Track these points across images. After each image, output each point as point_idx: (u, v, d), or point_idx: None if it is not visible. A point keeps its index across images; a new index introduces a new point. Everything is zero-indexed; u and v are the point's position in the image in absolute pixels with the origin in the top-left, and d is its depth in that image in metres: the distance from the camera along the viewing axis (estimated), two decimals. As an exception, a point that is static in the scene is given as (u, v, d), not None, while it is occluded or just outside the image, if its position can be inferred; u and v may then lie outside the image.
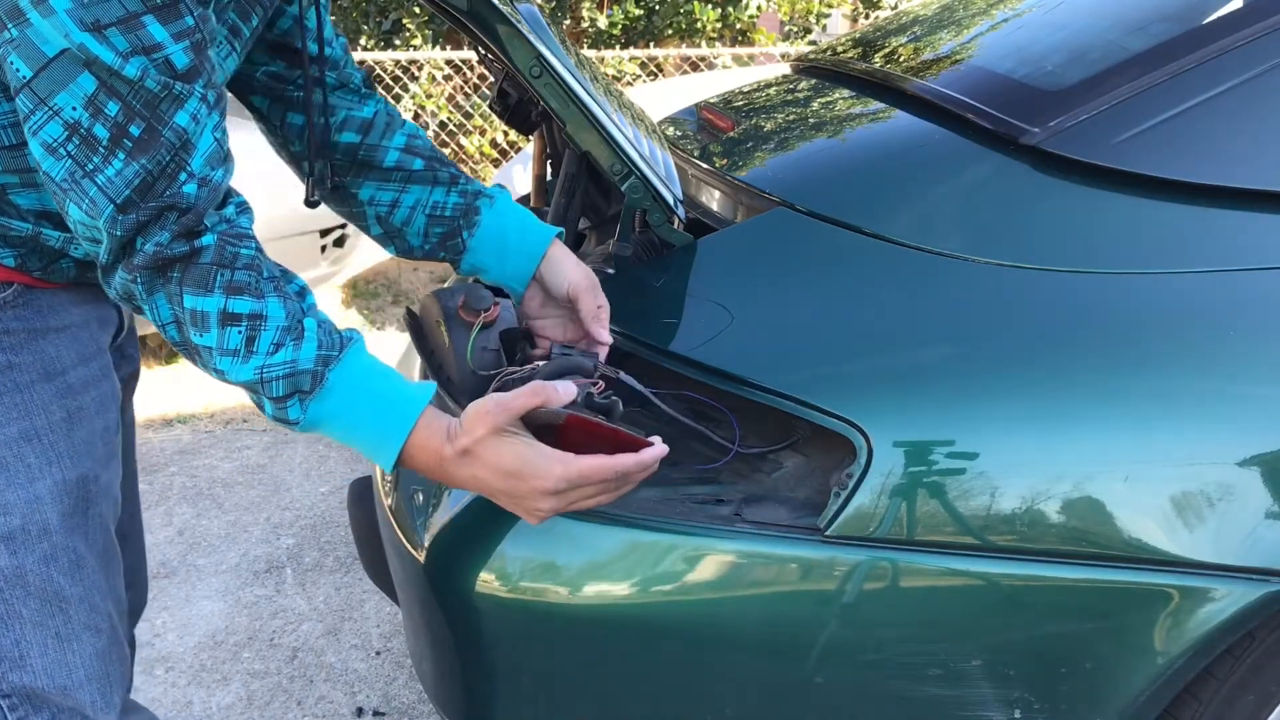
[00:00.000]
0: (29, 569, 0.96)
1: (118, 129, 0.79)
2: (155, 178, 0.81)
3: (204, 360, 0.88)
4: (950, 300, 1.10)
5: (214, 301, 0.86)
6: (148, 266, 0.83)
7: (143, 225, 0.82)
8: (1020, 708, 1.08)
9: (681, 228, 1.29)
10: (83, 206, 0.81)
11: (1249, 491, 1.02)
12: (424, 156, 1.17)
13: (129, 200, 0.81)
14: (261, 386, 0.88)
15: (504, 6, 1.17)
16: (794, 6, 6.37)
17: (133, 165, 0.80)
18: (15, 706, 0.98)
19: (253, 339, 0.87)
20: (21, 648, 0.97)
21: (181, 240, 0.84)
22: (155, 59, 0.79)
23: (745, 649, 1.07)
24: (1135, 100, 1.16)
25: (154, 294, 0.86)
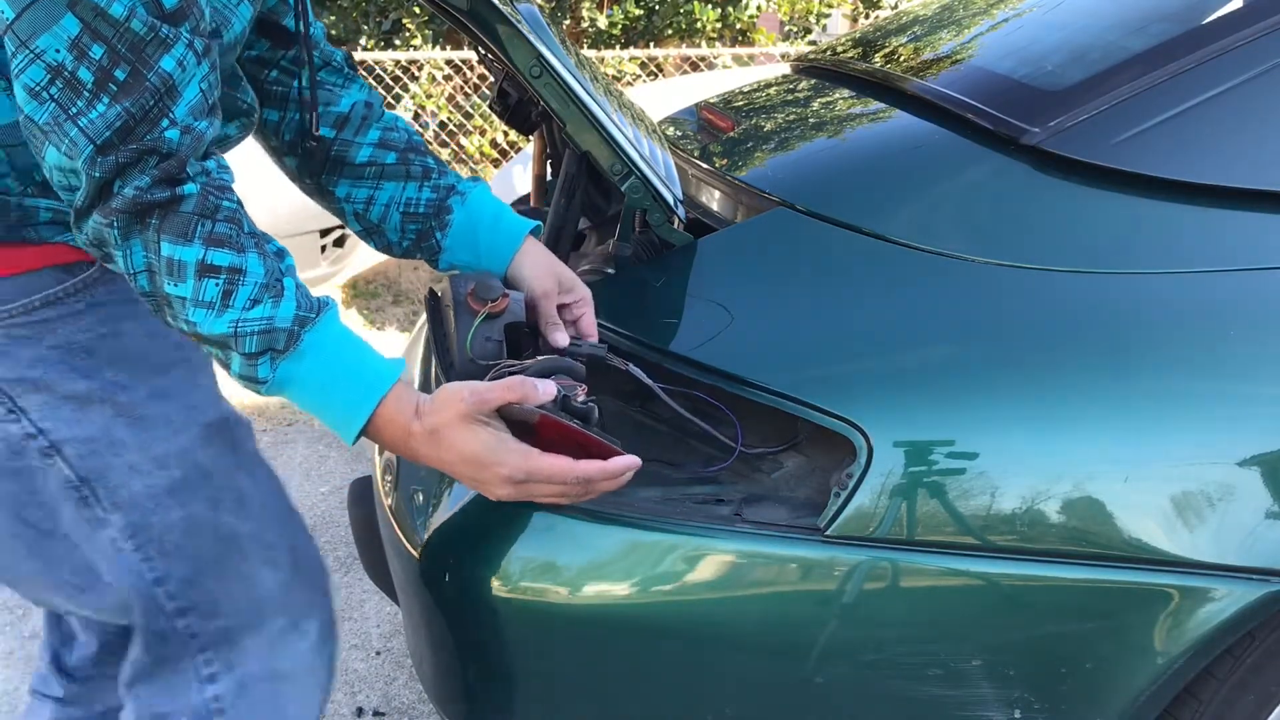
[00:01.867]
0: (200, 516, 0.99)
1: (102, 72, 0.77)
2: (137, 121, 0.79)
3: (174, 311, 0.85)
4: (950, 300, 1.10)
5: (193, 251, 0.83)
6: (126, 210, 0.81)
7: (122, 168, 0.80)
8: (1020, 708, 1.08)
9: (681, 228, 1.29)
10: (62, 148, 0.79)
11: (1249, 491, 1.02)
12: (397, 149, 1.17)
13: (109, 142, 0.79)
14: (234, 341, 0.85)
15: (504, 6, 1.17)
16: (794, 6, 6.37)
17: (115, 108, 0.78)
18: (211, 661, 1.01)
19: (229, 293, 0.84)
20: (212, 596, 1.00)
21: (163, 186, 0.82)
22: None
23: (745, 649, 1.07)
24: (1135, 100, 1.16)
25: (129, 239, 0.83)
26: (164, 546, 0.97)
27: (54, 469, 0.94)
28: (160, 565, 0.97)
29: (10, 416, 0.93)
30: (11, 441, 0.93)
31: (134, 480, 0.96)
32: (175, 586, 0.98)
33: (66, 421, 0.94)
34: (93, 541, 0.96)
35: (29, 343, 0.93)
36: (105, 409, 0.96)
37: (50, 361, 0.94)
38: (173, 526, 0.98)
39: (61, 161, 0.80)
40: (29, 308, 0.93)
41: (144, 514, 0.97)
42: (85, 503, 0.95)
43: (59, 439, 0.94)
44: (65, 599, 1.00)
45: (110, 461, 0.95)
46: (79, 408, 0.94)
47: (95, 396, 0.95)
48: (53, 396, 0.94)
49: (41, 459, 0.94)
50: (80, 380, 0.95)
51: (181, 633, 1.00)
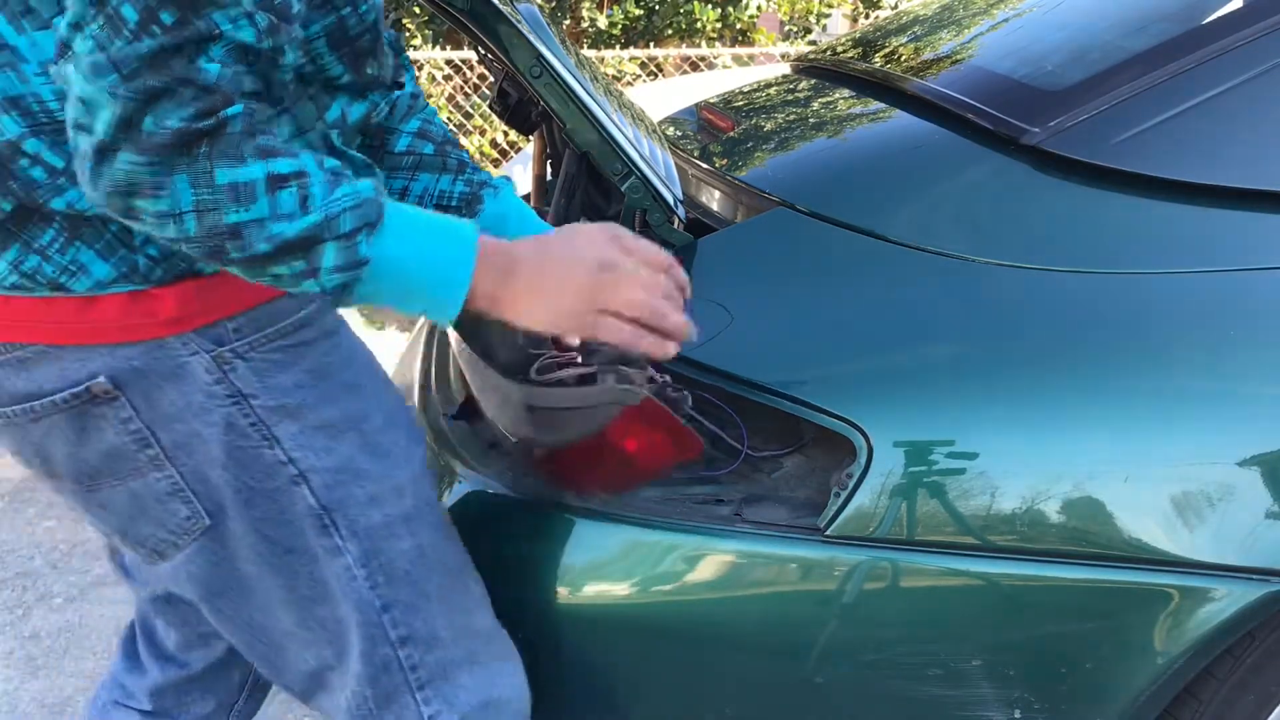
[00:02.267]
0: (427, 545, 0.99)
1: (147, 13, 0.71)
2: (170, 54, 0.72)
3: (246, 239, 0.77)
4: (950, 300, 1.10)
5: (255, 169, 0.76)
6: (171, 144, 0.73)
7: (152, 95, 0.72)
8: (1020, 708, 1.08)
9: (681, 228, 1.29)
10: (84, 70, 0.72)
11: (1249, 491, 1.02)
12: (435, 141, 1.15)
13: (135, 70, 0.72)
14: (328, 227, 0.78)
15: (504, 6, 1.17)
16: (794, 6, 6.37)
17: (151, 43, 0.71)
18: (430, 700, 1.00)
19: (305, 198, 0.78)
20: (432, 626, 0.99)
21: (209, 115, 0.74)
22: None
23: (745, 649, 1.07)
24: (1135, 100, 1.16)
25: (172, 176, 0.75)
26: (393, 574, 0.97)
27: (299, 496, 0.94)
28: (387, 593, 0.97)
29: (265, 444, 0.92)
30: (264, 466, 0.92)
31: (373, 510, 0.96)
32: (400, 614, 0.98)
33: (317, 452, 0.94)
34: (329, 566, 0.96)
35: (288, 367, 0.93)
36: (352, 438, 0.96)
37: (306, 387, 0.94)
38: (403, 555, 0.97)
39: (84, 89, 0.72)
40: (284, 331, 0.93)
41: (377, 542, 0.96)
42: (325, 531, 0.95)
43: (307, 468, 0.93)
44: (297, 611, 0.98)
45: (353, 491, 0.95)
46: (330, 437, 0.94)
47: (342, 425, 0.95)
48: (306, 425, 0.93)
49: (289, 484, 0.93)
50: (331, 407, 0.95)
51: (403, 663, 0.99)
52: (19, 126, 0.82)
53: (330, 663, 1.01)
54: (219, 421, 0.90)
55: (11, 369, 0.88)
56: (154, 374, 0.88)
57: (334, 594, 0.97)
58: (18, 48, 0.81)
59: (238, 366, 0.91)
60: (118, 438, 0.90)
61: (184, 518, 0.93)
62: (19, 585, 2.28)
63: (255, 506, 0.93)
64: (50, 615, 2.17)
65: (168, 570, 0.99)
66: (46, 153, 0.82)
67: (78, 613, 2.18)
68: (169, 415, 0.90)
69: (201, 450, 0.91)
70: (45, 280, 0.86)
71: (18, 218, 0.84)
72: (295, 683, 1.04)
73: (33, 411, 0.89)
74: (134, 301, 0.87)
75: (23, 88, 0.81)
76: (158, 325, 0.88)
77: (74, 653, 2.06)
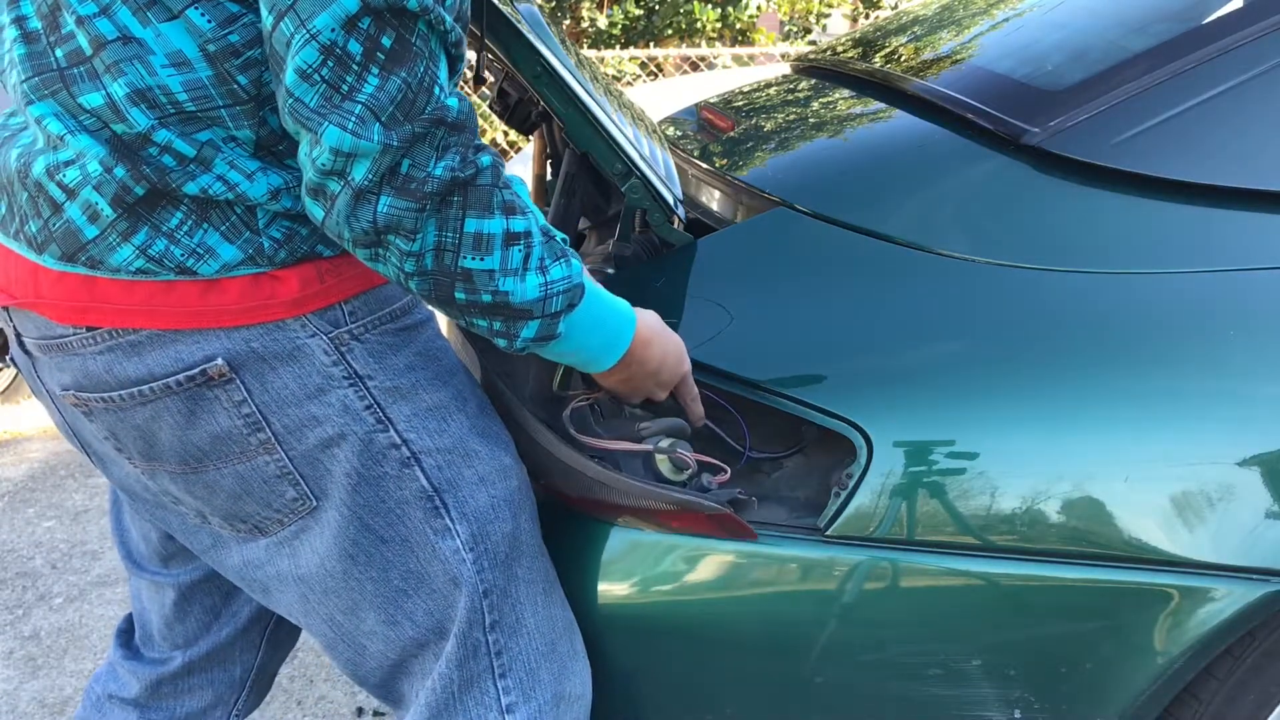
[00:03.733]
0: (523, 529, 1.01)
1: (370, 42, 0.75)
2: (415, 91, 0.77)
3: (472, 286, 0.83)
4: (950, 300, 1.10)
5: (498, 223, 0.82)
6: (439, 192, 0.79)
7: (413, 141, 0.77)
8: (1020, 707, 1.08)
9: (681, 228, 1.29)
10: (348, 126, 0.75)
11: (1249, 491, 1.02)
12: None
13: (393, 116, 0.76)
14: (542, 304, 0.86)
15: (504, 6, 1.17)
16: (794, 6, 6.37)
17: (392, 79, 0.76)
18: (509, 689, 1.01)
19: (528, 256, 0.85)
20: (519, 611, 1.00)
21: (469, 162, 0.80)
22: None
23: (745, 649, 1.07)
24: (1135, 100, 1.16)
25: (427, 221, 0.80)
26: (495, 558, 0.98)
27: (409, 478, 0.94)
28: (490, 577, 0.98)
29: (379, 426, 0.93)
30: (375, 450, 0.93)
31: (480, 492, 0.97)
32: (496, 598, 0.98)
33: (431, 433, 0.95)
34: (434, 549, 0.96)
35: (400, 349, 0.94)
36: (462, 420, 0.97)
37: (417, 369, 0.95)
38: (504, 538, 0.99)
39: (344, 141, 0.76)
40: (395, 314, 0.94)
41: (484, 525, 0.97)
42: (436, 513, 0.95)
43: (420, 449, 0.94)
44: (384, 607, 0.98)
45: (463, 473, 0.96)
46: (442, 418, 0.95)
47: (453, 406, 0.97)
48: (419, 407, 0.94)
49: (399, 468, 0.94)
50: (440, 389, 0.96)
51: (490, 648, 0.99)
52: (147, 119, 0.82)
53: (413, 652, 1.01)
54: (335, 403, 0.91)
55: (122, 353, 0.88)
56: (271, 356, 0.89)
57: (432, 581, 0.97)
58: (145, 40, 0.81)
59: (354, 348, 0.92)
60: (229, 420, 0.90)
61: (291, 499, 0.94)
62: (19, 585, 2.28)
63: (360, 493, 0.93)
64: (50, 615, 2.17)
65: (260, 551, 0.98)
66: (177, 142, 0.83)
67: (78, 613, 2.18)
68: (283, 398, 0.90)
69: (314, 434, 0.91)
70: (173, 264, 0.86)
71: (149, 200, 0.84)
72: (372, 678, 1.04)
73: (141, 395, 0.89)
74: (256, 284, 0.88)
75: (150, 80, 0.81)
76: (278, 307, 0.89)
77: (74, 653, 2.06)
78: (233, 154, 0.85)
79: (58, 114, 0.84)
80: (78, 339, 0.88)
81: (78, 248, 0.85)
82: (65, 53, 0.83)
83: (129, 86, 0.81)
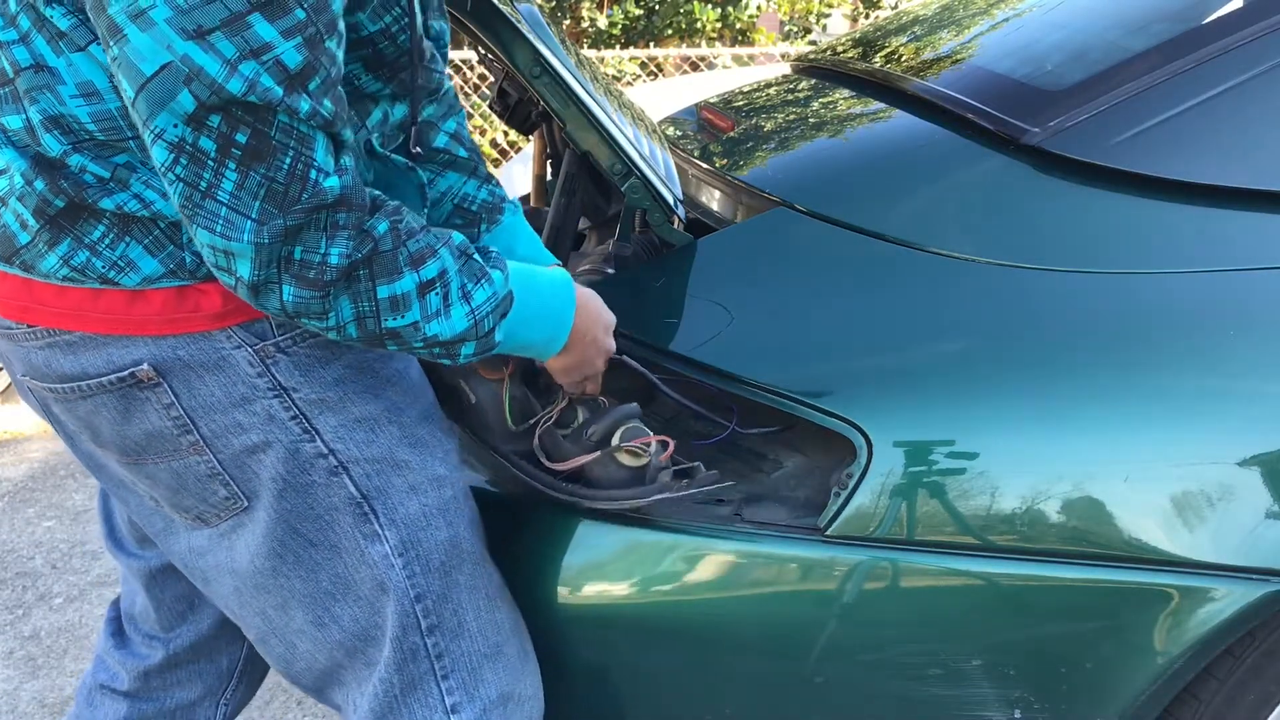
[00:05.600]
0: (462, 536, 1.02)
1: (223, 139, 0.74)
2: (285, 184, 0.76)
3: (402, 339, 0.86)
4: (950, 300, 1.10)
5: (409, 280, 0.84)
6: (339, 280, 0.80)
7: (294, 231, 0.77)
8: (1020, 707, 1.08)
9: (681, 228, 1.29)
10: (216, 229, 0.76)
11: (1249, 491, 1.02)
12: (467, 147, 1.17)
13: (264, 212, 0.76)
14: (475, 329, 0.88)
15: (504, 6, 1.17)
16: (794, 6, 6.37)
17: (253, 175, 0.75)
18: (453, 690, 1.01)
19: (446, 295, 0.86)
20: (460, 616, 1.01)
21: (364, 240, 0.81)
22: (265, 61, 0.73)
23: (745, 649, 1.07)
24: (1135, 100, 1.16)
25: (337, 301, 0.82)
26: (429, 565, 0.98)
27: (337, 486, 0.95)
28: (422, 582, 0.98)
29: (304, 436, 0.93)
30: (301, 459, 0.94)
31: (411, 500, 0.98)
32: (431, 603, 0.99)
33: (358, 443, 0.95)
34: (363, 555, 0.97)
35: (329, 362, 0.94)
36: (393, 430, 0.97)
37: (346, 381, 0.95)
38: (439, 545, 0.99)
39: (215, 241, 0.77)
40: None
41: (415, 531, 0.98)
42: (365, 519, 0.96)
43: (348, 459, 0.95)
44: (312, 607, 0.99)
45: (393, 481, 0.97)
46: (371, 429, 0.96)
47: (384, 418, 0.97)
48: (347, 418, 0.95)
49: (327, 476, 0.95)
50: (371, 400, 0.96)
51: (429, 651, 1.00)
52: (60, 145, 0.83)
53: (342, 662, 1.02)
54: (260, 412, 0.92)
55: (60, 350, 0.90)
56: (197, 365, 0.90)
57: (359, 588, 0.98)
58: (57, 70, 0.81)
59: (280, 360, 0.92)
60: (160, 421, 0.92)
61: (223, 497, 0.96)
62: (19, 585, 2.28)
63: (286, 498, 0.95)
64: (50, 615, 2.17)
65: (204, 540, 1.00)
66: (91, 165, 0.84)
67: (78, 613, 2.18)
68: (210, 405, 0.91)
69: (239, 440, 0.93)
70: (95, 275, 0.87)
71: (69, 213, 0.86)
72: (304, 677, 1.05)
73: (80, 390, 0.91)
74: (181, 296, 0.89)
75: (61, 109, 0.82)
76: (203, 320, 0.90)
77: (74, 653, 2.06)
78: (148, 174, 0.85)
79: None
80: (22, 333, 0.91)
81: (13, 251, 0.88)
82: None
83: (42, 113, 0.82)
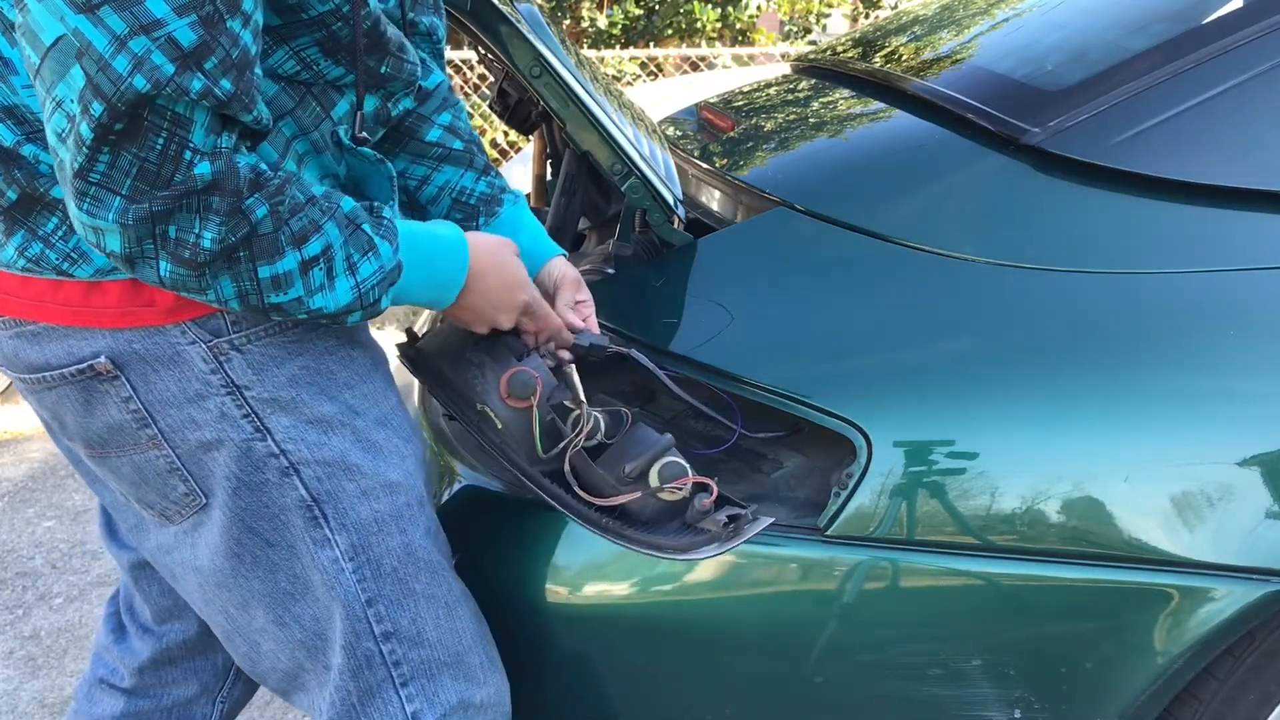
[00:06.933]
0: (416, 544, 1.00)
1: (101, 129, 0.72)
2: (156, 165, 0.74)
3: (286, 313, 0.86)
4: (950, 300, 1.10)
5: (290, 259, 0.83)
6: (214, 260, 0.79)
7: (160, 216, 0.76)
8: (1020, 707, 1.08)
9: (681, 228, 1.29)
10: (83, 206, 0.75)
11: (1249, 491, 1.02)
12: (464, 139, 1.16)
13: (134, 190, 0.74)
14: (360, 301, 0.88)
15: (504, 6, 1.17)
16: (794, 6, 6.37)
17: (123, 155, 0.73)
18: (413, 697, 1.01)
19: (330, 269, 0.86)
20: (418, 624, 1.00)
21: (242, 223, 0.79)
22: (156, 37, 0.71)
23: (745, 649, 1.07)
24: (1135, 100, 1.16)
25: (218, 279, 0.81)
26: (380, 570, 0.98)
27: (289, 487, 0.95)
28: (373, 587, 0.98)
29: (256, 435, 0.93)
30: (254, 458, 0.94)
31: (362, 505, 0.97)
32: (384, 609, 0.98)
33: (310, 445, 0.95)
34: (314, 558, 0.97)
35: (285, 362, 0.94)
36: (346, 433, 0.97)
37: (302, 382, 0.95)
38: (391, 551, 0.98)
39: (83, 218, 0.76)
40: (283, 326, 0.94)
41: (366, 536, 0.97)
42: (315, 523, 0.96)
43: (299, 460, 0.95)
44: (273, 607, 0.99)
45: (344, 485, 0.96)
46: (323, 432, 0.96)
47: (337, 420, 0.97)
48: (299, 419, 0.94)
49: (279, 476, 0.95)
50: (326, 403, 0.96)
51: (386, 658, 0.99)
52: (13, 134, 0.84)
53: (304, 663, 1.02)
54: (213, 409, 0.93)
55: (26, 340, 0.92)
56: (153, 359, 0.91)
57: (315, 589, 0.98)
58: (11, 60, 0.82)
59: (233, 358, 0.92)
60: (120, 414, 0.93)
61: (182, 493, 0.96)
62: (19, 585, 2.28)
63: (240, 497, 0.95)
64: (50, 615, 2.17)
65: (170, 537, 1.00)
66: (44, 155, 0.85)
67: (78, 613, 2.18)
68: (166, 399, 0.92)
69: (195, 436, 0.93)
70: (50, 266, 0.88)
71: (22, 205, 0.87)
72: (270, 677, 1.06)
73: (44, 380, 0.93)
74: (136, 289, 0.89)
75: (14, 99, 0.83)
76: (157, 313, 0.90)
77: (74, 653, 2.06)
78: None
79: None
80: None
81: None
82: None
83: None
